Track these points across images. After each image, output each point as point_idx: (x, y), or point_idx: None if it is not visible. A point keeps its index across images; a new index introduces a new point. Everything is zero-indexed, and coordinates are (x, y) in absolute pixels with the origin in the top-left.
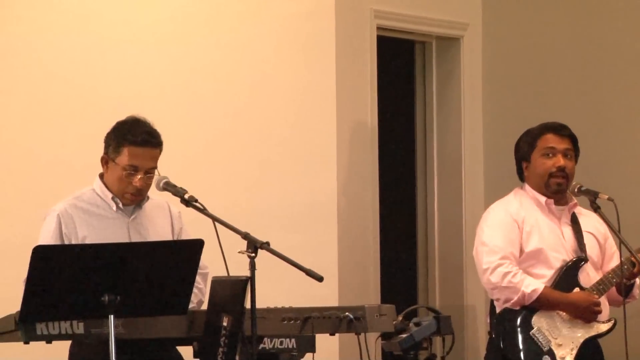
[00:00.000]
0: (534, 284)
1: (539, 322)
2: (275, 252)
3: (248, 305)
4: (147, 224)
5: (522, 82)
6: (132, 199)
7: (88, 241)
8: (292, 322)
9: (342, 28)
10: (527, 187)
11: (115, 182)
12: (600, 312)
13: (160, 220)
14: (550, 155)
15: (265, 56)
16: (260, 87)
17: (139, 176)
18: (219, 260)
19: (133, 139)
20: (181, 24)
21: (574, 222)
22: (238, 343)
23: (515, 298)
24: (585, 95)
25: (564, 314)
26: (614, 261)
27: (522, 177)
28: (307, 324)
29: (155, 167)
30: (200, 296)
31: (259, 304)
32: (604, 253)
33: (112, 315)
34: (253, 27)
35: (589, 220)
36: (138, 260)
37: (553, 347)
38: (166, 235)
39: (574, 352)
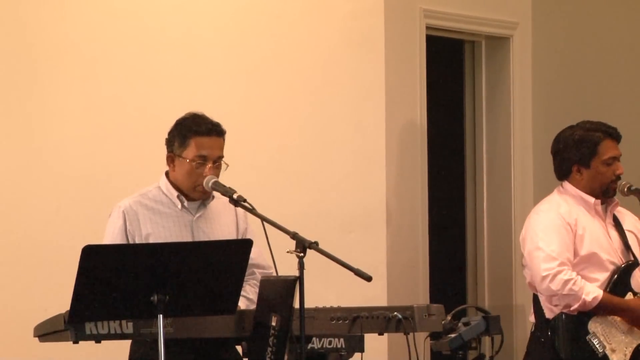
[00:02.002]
0: (594, 291)
1: (595, 327)
2: (324, 252)
3: (297, 305)
4: (211, 222)
5: (572, 81)
6: (203, 191)
7: (152, 239)
8: (340, 321)
9: (391, 27)
10: (568, 186)
11: (185, 177)
12: None
13: (225, 219)
14: (611, 163)
15: (314, 56)
16: (309, 87)
17: (209, 165)
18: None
19: (198, 129)
20: (231, 26)
21: (616, 222)
22: (287, 343)
23: (576, 305)
24: (635, 94)
25: (619, 319)
26: None
27: (563, 176)
28: (355, 323)
29: (222, 157)
30: None
31: (308, 304)
32: None
33: (161, 315)
34: (303, 27)
35: (628, 218)
36: (187, 260)
37: (607, 352)
38: (230, 234)
39: (628, 357)
